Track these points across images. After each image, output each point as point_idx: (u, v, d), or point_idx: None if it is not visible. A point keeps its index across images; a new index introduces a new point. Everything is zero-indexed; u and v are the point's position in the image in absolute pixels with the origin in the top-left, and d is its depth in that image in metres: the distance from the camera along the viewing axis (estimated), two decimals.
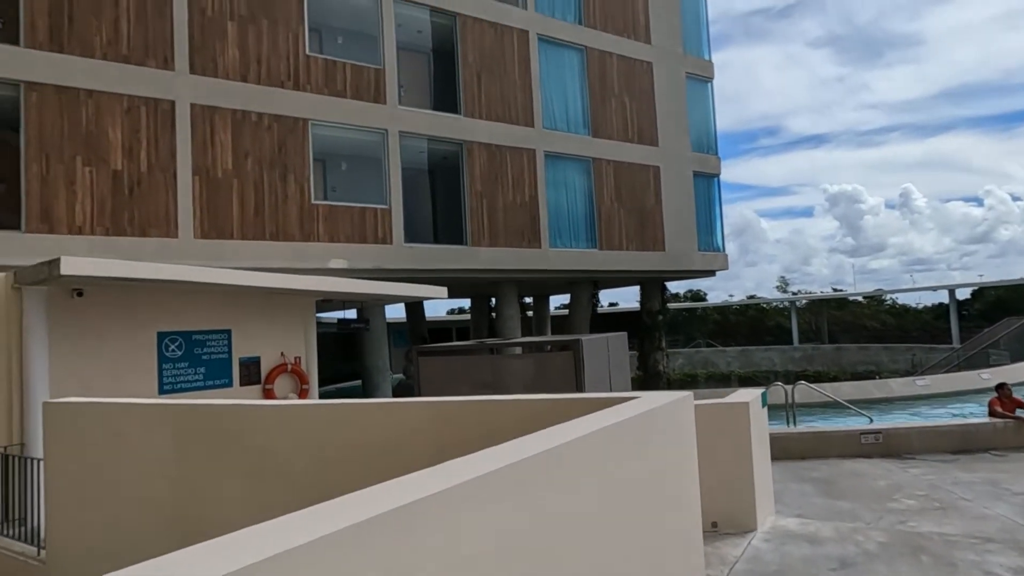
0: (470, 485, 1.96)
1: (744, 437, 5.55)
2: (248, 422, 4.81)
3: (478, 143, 16.16)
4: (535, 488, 2.29)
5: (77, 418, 5.76)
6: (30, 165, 11.07)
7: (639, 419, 3.33)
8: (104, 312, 8.48)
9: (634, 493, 3.12)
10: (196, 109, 12.55)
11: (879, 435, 9.22)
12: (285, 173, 13.43)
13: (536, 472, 2.31)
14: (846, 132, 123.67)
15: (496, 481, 2.09)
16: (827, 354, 32.76)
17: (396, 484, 1.93)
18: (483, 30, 16.58)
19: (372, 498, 1.75)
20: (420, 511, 1.71)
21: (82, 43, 11.65)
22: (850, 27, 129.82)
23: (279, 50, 13.57)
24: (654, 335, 21.86)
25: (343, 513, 1.59)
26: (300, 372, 10.40)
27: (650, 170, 19.51)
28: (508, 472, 2.15)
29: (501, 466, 2.14)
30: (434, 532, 1.76)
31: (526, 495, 2.23)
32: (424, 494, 1.76)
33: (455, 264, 15.55)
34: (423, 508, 1.72)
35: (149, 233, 11.94)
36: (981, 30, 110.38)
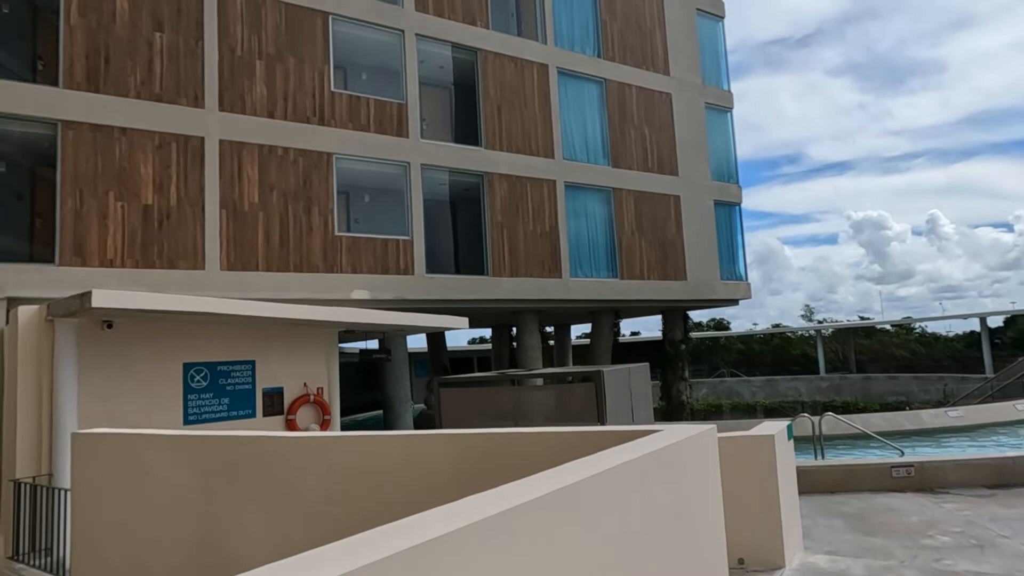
0: (488, 523, 1.96)
1: (770, 471, 5.44)
2: (270, 454, 4.83)
3: (499, 174, 16.35)
4: (555, 525, 2.27)
5: (103, 449, 5.85)
6: (65, 200, 11.42)
7: (662, 453, 3.30)
8: (132, 343, 8.63)
9: (657, 530, 3.08)
10: (225, 145, 12.89)
11: (911, 468, 8.97)
12: (309, 205, 13.69)
13: (556, 509, 2.29)
14: (869, 159, 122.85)
15: (515, 518, 2.08)
16: (855, 384, 32.07)
17: (415, 521, 1.93)
18: (503, 64, 16.89)
19: (390, 535, 1.76)
20: (437, 549, 1.71)
21: (117, 83, 12.08)
22: (870, 55, 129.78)
23: (305, 87, 13.94)
24: (677, 365, 21.62)
25: (361, 551, 1.59)
26: (322, 403, 10.45)
27: (671, 199, 19.53)
28: (526, 509, 2.13)
29: (520, 503, 2.14)
30: (452, 571, 1.75)
31: (545, 533, 2.21)
32: (442, 532, 1.76)
33: (476, 294, 15.62)
34: (440, 546, 1.72)
35: (177, 265, 12.19)
36: (1004, 56, 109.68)
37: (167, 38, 12.58)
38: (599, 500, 2.60)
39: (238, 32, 13.33)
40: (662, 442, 3.39)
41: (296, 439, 4.80)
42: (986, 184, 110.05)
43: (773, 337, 48.45)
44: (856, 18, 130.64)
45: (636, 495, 2.92)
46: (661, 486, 3.22)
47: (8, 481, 7.86)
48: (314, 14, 14.22)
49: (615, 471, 2.77)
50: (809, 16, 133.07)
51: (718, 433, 4.00)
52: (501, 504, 2.12)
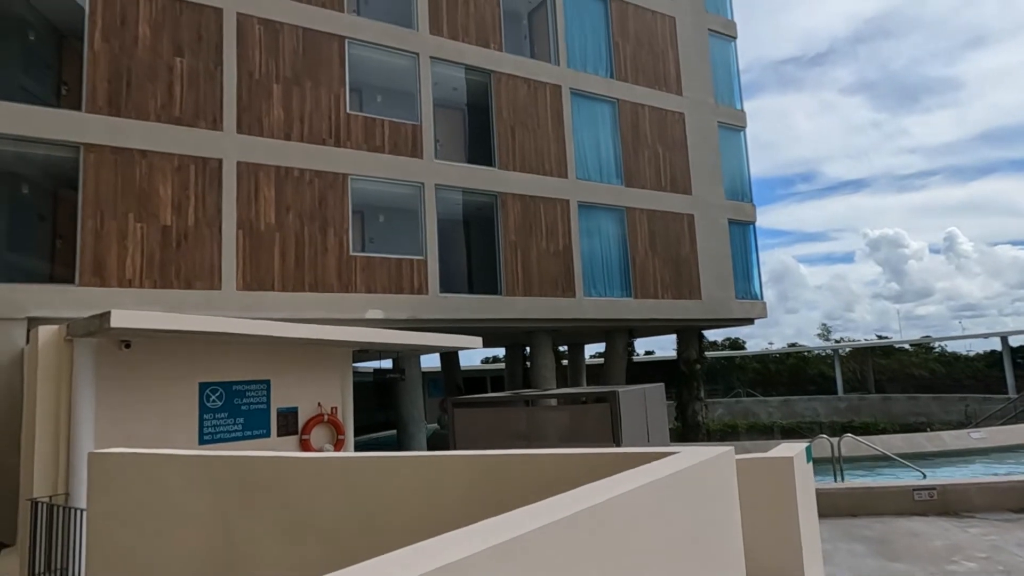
0: (501, 549, 1.94)
1: (789, 494, 5.35)
2: (286, 474, 4.83)
3: (512, 194, 16.43)
4: (570, 551, 2.24)
5: (120, 469, 5.87)
6: (86, 221, 11.61)
7: (679, 476, 3.25)
8: (149, 363, 8.71)
9: (675, 555, 3.03)
10: (242, 166, 13.07)
11: (934, 491, 8.78)
12: (325, 226, 13.81)
13: (572, 534, 2.26)
14: (884, 176, 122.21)
15: (530, 544, 2.05)
16: (874, 404, 31.58)
17: (429, 546, 1.92)
18: (517, 86, 17.05)
19: (405, 560, 1.74)
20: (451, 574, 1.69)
21: (138, 107, 12.33)
22: (884, 73, 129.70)
23: (321, 109, 14.14)
24: (692, 384, 21.43)
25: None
26: (336, 422, 10.45)
27: (684, 218, 19.51)
28: (542, 535, 2.11)
29: (535, 527, 2.11)
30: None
31: (562, 558, 2.18)
32: (456, 557, 1.74)
33: (490, 314, 15.62)
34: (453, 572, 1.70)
35: (194, 285, 12.32)
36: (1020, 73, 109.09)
37: (187, 63, 12.84)
38: (615, 524, 2.56)
39: (256, 56, 13.58)
40: (679, 465, 3.34)
41: (312, 460, 4.79)
42: (1005, 201, 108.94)
43: (789, 356, 47.92)
44: (869, 37, 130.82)
45: (653, 519, 2.88)
46: (678, 510, 3.17)
47: (25, 500, 7.91)
48: (331, 38, 14.46)
49: (632, 495, 2.74)
50: (821, 35, 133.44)
51: (735, 455, 3.94)
52: (515, 529, 2.09)
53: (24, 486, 8.31)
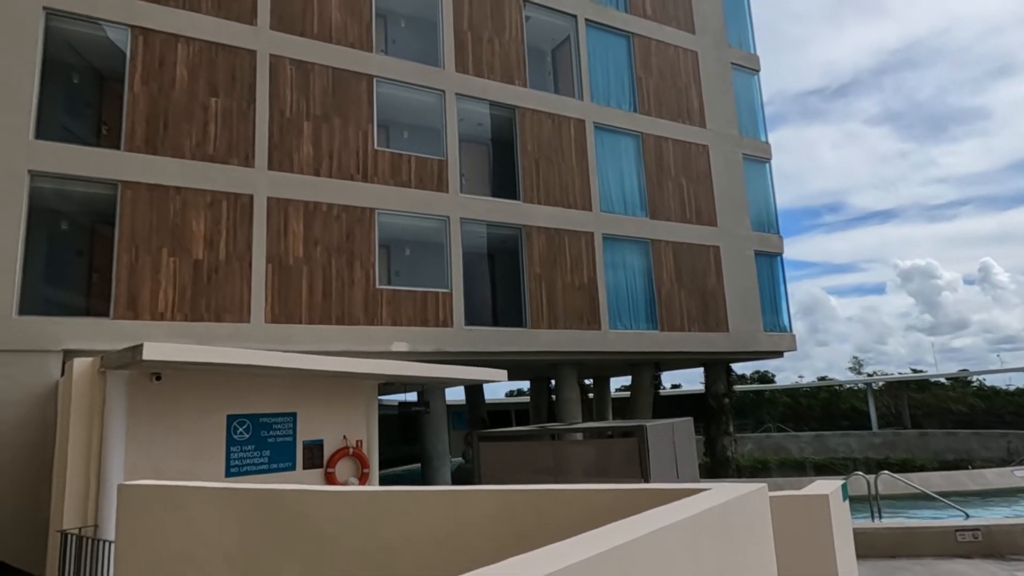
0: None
1: (825, 533, 5.17)
2: (312, 508, 4.81)
3: (537, 227, 16.52)
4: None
5: (148, 501, 5.90)
6: (121, 256, 11.92)
7: (710, 514, 3.17)
8: (179, 395, 8.82)
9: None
10: (272, 201, 13.37)
11: (977, 532, 8.43)
12: (352, 259, 14.00)
13: (600, 573, 2.20)
14: (913, 207, 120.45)
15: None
16: (910, 440, 30.60)
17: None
18: (541, 120, 17.27)
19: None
20: None
21: (174, 145, 12.73)
22: (910, 104, 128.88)
23: (349, 145, 14.46)
24: (721, 419, 21.03)
25: None
26: (361, 455, 10.43)
27: (710, 250, 19.39)
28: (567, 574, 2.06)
29: (563, 567, 2.06)
30: None
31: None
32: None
33: (514, 346, 15.58)
34: None
35: (223, 318, 12.51)
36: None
37: (221, 102, 13.26)
38: (644, 563, 2.49)
39: (288, 95, 13.98)
40: (710, 502, 3.26)
41: (338, 493, 4.77)
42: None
43: (820, 390, 46.85)
44: (893, 68, 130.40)
45: (683, 559, 2.80)
46: (710, 550, 3.08)
47: (55, 531, 7.99)
48: (359, 77, 14.85)
49: (661, 533, 2.67)
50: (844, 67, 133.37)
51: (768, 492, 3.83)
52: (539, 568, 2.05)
53: (54, 517, 8.40)
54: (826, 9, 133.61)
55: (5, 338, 10.68)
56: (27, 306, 11.24)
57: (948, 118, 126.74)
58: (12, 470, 9.96)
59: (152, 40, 12.86)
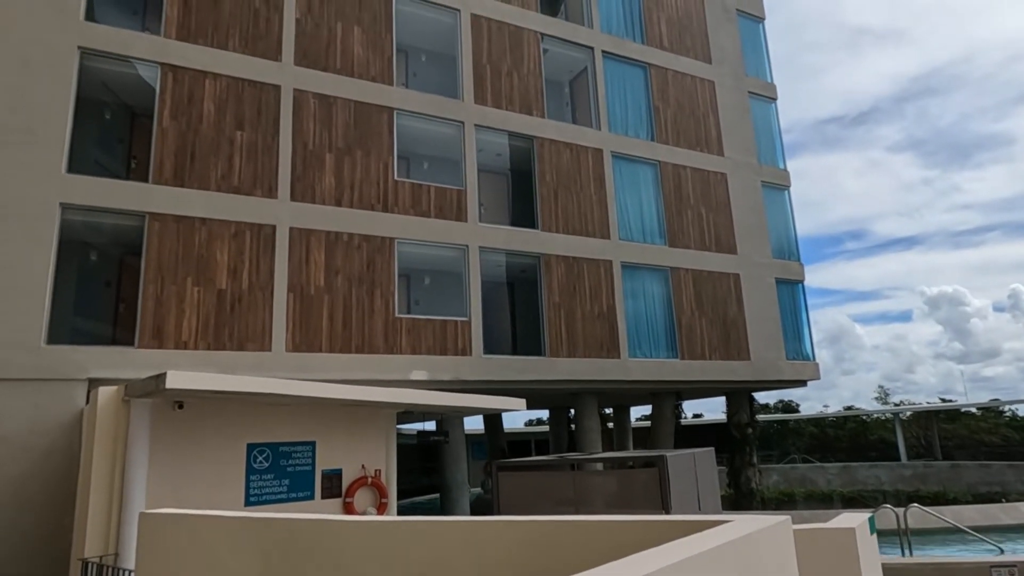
0: None
1: (852, 568, 5.02)
2: (330, 538, 4.79)
3: (555, 255, 16.56)
4: None
5: (168, 529, 5.92)
6: (147, 286, 12.15)
7: (733, 546, 3.11)
8: (201, 424, 8.89)
9: None
10: (294, 232, 13.58)
11: (1015, 568, 8.12)
12: (372, 288, 14.12)
13: None
14: (939, 233, 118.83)
15: None
16: (942, 472, 29.74)
17: None
18: (559, 151, 17.43)
19: None
20: None
21: (200, 178, 13.04)
22: (932, 131, 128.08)
23: (371, 176, 14.69)
24: (744, 449, 20.64)
25: None
26: (380, 485, 10.39)
27: (730, 278, 19.27)
28: None
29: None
30: None
31: None
32: None
33: (533, 375, 15.52)
34: None
35: (246, 347, 12.65)
36: None
37: (247, 136, 13.59)
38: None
39: (311, 128, 14.29)
40: (733, 534, 3.19)
41: (357, 523, 4.76)
42: None
43: (847, 420, 45.86)
44: (914, 96, 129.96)
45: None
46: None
47: (77, 560, 8.02)
48: (381, 110, 15.15)
49: (685, 565, 2.62)
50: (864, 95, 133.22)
51: (793, 525, 3.74)
52: None
53: (76, 545, 8.44)
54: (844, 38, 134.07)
55: (34, 367, 10.89)
56: (55, 335, 11.47)
57: (972, 144, 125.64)
58: (39, 497, 10.07)
59: (181, 77, 13.28)
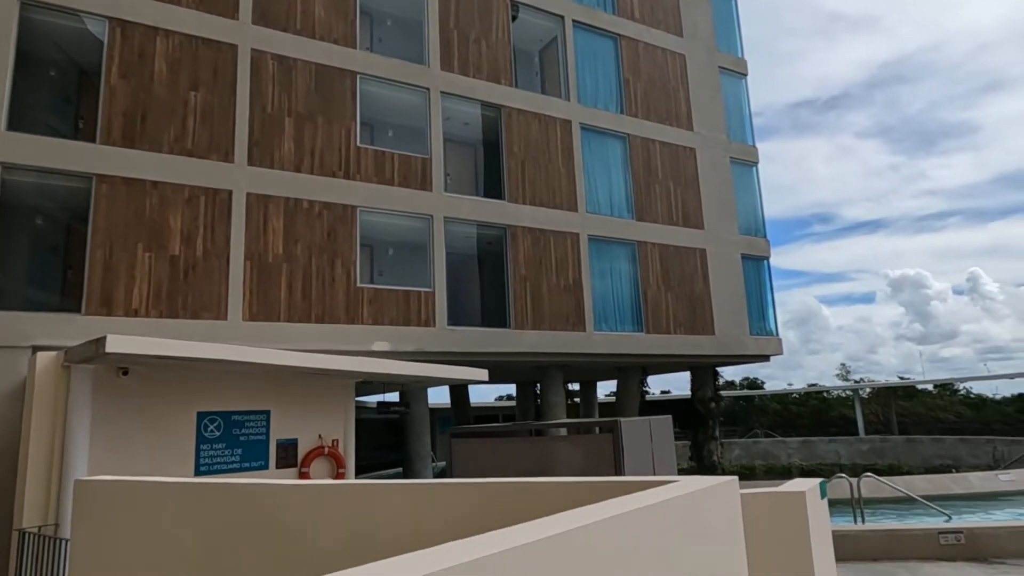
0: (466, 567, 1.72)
1: (802, 532, 5.00)
2: (275, 502, 4.63)
3: (522, 227, 16.37)
4: None
5: (105, 497, 5.67)
6: (95, 251, 11.67)
7: (677, 503, 3.00)
8: (147, 391, 8.58)
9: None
10: (252, 198, 13.16)
11: (960, 535, 8.32)
12: (333, 258, 13.79)
13: (542, 562, 2.03)
14: (903, 218, 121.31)
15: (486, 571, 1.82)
16: (897, 446, 30.61)
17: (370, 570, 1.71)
18: (527, 121, 17.15)
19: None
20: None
21: (152, 140, 12.51)
22: (900, 118, 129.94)
23: (332, 143, 14.27)
24: (707, 424, 20.91)
25: None
26: (337, 455, 10.21)
27: (696, 253, 19.31)
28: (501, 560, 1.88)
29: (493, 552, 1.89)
30: None
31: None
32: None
33: (498, 347, 15.40)
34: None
35: (200, 316, 12.27)
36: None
37: (202, 97, 13.06)
38: (597, 554, 2.32)
39: (269, 91, 13.79)
40: (678, 491, 3.10)
41: (302, 487, 4.58)
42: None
43: (810, 398, 46.93)
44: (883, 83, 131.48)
45: (643, 550, 2.63)
46: (676, 542, 2.91)
47: (14, 530, 7.72)
48: (343, 74, 14.68)
49: (620, 520, 2.50)
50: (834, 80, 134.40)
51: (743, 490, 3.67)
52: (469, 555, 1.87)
53: (16, 516, 8.13)
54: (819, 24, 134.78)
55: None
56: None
57: (938, 132, 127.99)
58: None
59: (131, 33, 12.66)
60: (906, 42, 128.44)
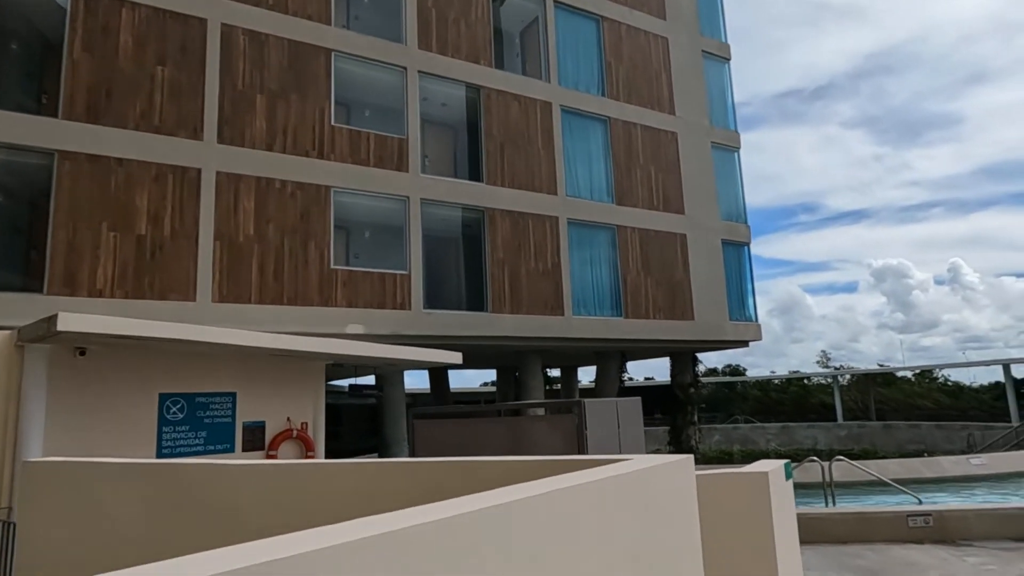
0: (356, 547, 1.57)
1: (764, 513, 4.90)
2: (217, 482, 4.48)
3: (501, 210, 16.17)
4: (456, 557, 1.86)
5: (51, 478, 5.49)
6: (57, 230, 11.34)
7: (623, 481, 2.87)
8: (105, 372, 8.34)
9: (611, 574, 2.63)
10: (222, 176, 12.85)
11: (929, 517, 8.32)
12: (307, 239, 13.53)
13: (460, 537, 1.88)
14: (887, 208, 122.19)
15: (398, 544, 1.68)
16: (875, 432, 30.96)
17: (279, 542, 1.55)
18: (507, 103, 16.91)
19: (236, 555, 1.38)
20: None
21: (117, 116, 12.15)
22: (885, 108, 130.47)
23: (306, 121, 13.97)
24: (687, 409, 20.94)
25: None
26: (306, 438, 10.02)
27: (677, 238, 19.22)
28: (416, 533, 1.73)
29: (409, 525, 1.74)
30: None
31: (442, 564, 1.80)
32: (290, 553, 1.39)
33: (475, 331, 15.25)
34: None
35: (168, 297, 12.00)
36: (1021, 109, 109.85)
37: (169, 72, 12.70)
38: (526, 531, 2.18)
39: (241, 67, 13.44)
40: (626, 469, 2.97)
41: (243, 466, 4.44)
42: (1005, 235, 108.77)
43: (791, 384, 47.36)
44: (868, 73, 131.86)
45: (581, 528, 2.50)
46: (620, 521, 2.79)
47: None
48: (318, 51, 14.35)
49: (549, 497, 2.36)
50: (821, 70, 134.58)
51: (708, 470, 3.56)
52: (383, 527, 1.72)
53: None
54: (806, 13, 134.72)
55: None
56: None
57: (922, 123, 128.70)
58: None
59: (95, 4, 12.25)
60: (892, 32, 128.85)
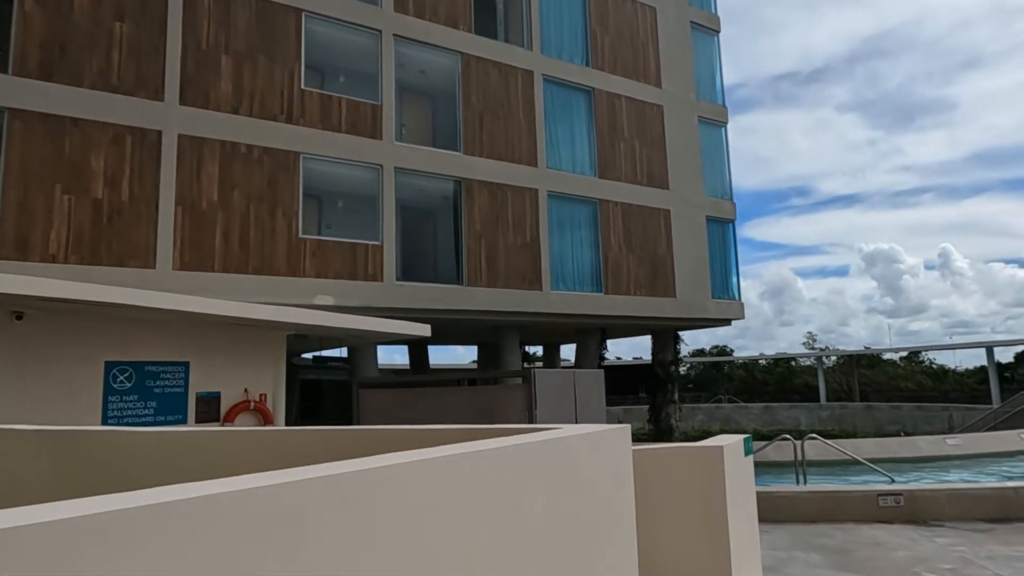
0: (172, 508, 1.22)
1: (717, 489, 4.59)
2: (123, 448, 4.14)
3: (478, 181, 15.73)
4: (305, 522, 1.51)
5: None
6: (8, 192, 10.84)
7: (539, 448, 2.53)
8: (46, 338, 7.94)
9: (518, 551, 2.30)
10: (184, 140, 12.34)
11: (900, 497, 8.12)
12: (274, 207, 13.08)
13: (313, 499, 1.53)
14: (879, 193, 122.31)
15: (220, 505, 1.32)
16: (857, 413, 31.01)
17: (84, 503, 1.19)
18: (487, 70, 16.39)
19: None
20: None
21: (72, 73, 11.59)
22: (879, 92, 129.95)
23: (274, 84, 13.43)
24: (667, 387, 20.74)
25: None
26: (264, 409, 9.68)
27: (660, 213, 18.85)
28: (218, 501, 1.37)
29: (211, 493, 1.38)
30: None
31: (290, 531, 1.46)
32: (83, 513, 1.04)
33: (450, 304, 14.89)
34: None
35: (126, 263, 11.55)
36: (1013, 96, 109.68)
37: (127, 29, 12.12)
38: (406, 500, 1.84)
39: (205, 26, 12.87)
40: (546, 436, 2.65)
41: (153, 432, 4.11)
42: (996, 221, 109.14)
43: (777, 365, 47.46)
44: (864, 57, 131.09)
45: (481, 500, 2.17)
46: (533, 492, 2.46)
47: None
48: (287, 11, 13.77)
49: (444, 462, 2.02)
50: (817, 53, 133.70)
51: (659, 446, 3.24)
52: (209, 490, 1.38)
53: None
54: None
55: None
56: None
57: (916, 108, 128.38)
58: None
59: None
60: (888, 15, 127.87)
